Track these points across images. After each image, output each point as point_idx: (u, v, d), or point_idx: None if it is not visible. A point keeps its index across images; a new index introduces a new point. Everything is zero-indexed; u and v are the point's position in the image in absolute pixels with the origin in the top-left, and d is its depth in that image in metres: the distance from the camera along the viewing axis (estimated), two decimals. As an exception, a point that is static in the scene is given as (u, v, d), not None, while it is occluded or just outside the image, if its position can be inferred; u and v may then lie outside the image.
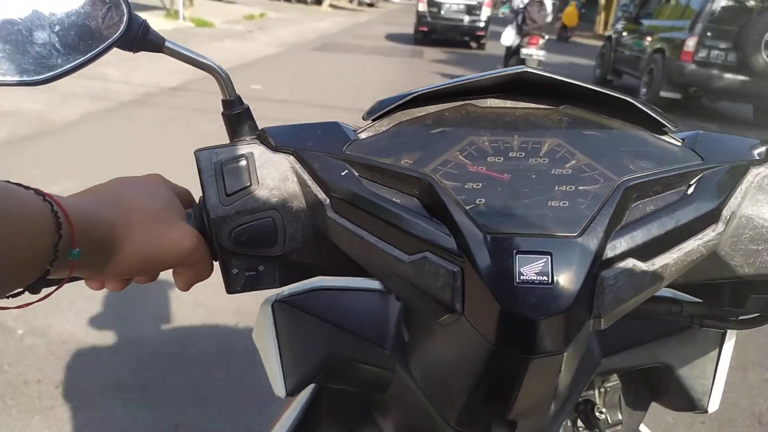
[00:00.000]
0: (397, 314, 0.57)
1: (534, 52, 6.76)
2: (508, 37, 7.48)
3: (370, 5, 32.74)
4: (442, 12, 12.51)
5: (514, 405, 0.42)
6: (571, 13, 19.07)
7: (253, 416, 1.72)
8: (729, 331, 0.56)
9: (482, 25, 12.54)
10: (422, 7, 12.63)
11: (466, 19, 12.51)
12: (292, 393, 0.60)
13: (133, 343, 2.03)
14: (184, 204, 0.46)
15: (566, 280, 0.34)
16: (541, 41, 6.85)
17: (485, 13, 12.55)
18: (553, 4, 7.49)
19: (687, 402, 0.59)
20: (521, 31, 7.12)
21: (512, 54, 7.30)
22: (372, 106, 0.45)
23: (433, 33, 12.87)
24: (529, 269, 0.35)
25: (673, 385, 0.58)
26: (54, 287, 0.39)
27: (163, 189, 0.44)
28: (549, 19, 7.13)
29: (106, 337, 2.04)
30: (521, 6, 7.20)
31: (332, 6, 28.29)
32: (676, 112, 6.34)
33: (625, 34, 8.58)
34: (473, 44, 13.13)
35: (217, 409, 1.75)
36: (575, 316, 0.35)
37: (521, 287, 0.34)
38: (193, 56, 0.46)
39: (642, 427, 0.65)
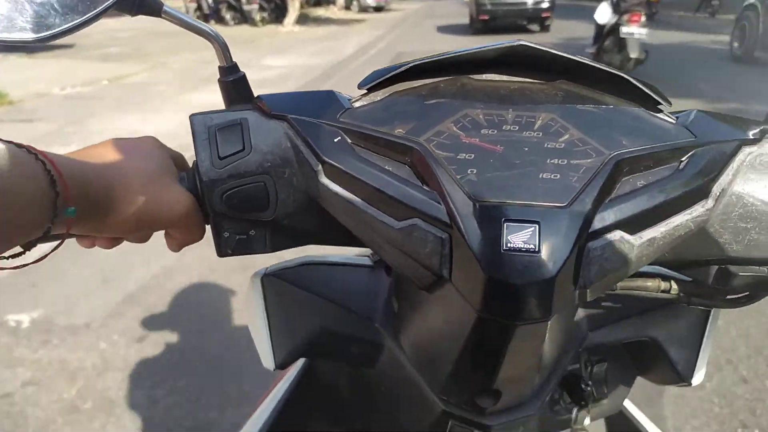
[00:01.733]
0: (386, 288, 0.57)
1: (636, 30, 5.83)
2: (604, 14, 6.48)
3: (378, 9, 22.14)
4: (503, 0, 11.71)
5: (498, 374, 0.43)
6: None
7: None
8: None
9: (547, 5, 11.56)
10: None
11: (530, 1, 11.57)
12: (281, 366, 0.60)
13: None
14: (179, 167, 0.47)
15: (553, 249, 0.35)
16: (643, 18, 5.91)
17: None
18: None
19: (672, 375, 0.60)
20: (618, 8, 6.15)
21: (608, 33, 6.35)
22: (367, 76, 0.46)
23: (494, 20, 11.92)
24: (517, 237, 0.35)
25: (659, 359, 0.59)
26: (53, 247, 0.39)
27: (157, 151, 0.45)
28: None
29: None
30: None
31: (311, 17, 17.52)
32: None
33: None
34: (535, 27, 12.26)
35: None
36: (561, 284, 0.35)
37: (507, 254, 0.35)
38: (191, 22, 0.46)
39: (626, 402, 0.66)
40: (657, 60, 6.94)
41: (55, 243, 0.39)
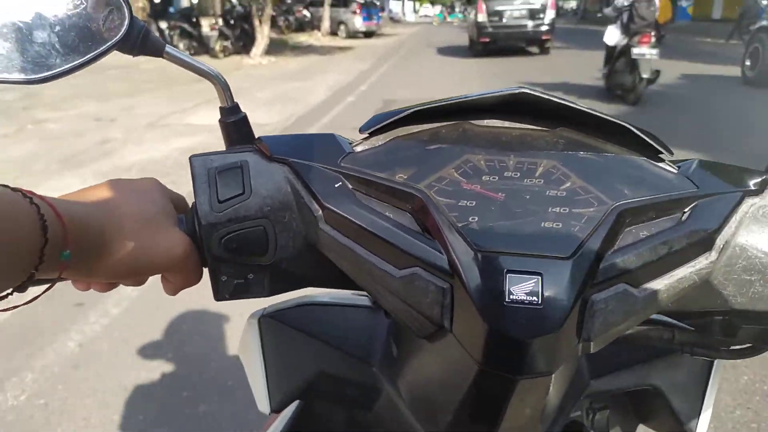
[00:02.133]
0: (385, 331, 0.57)
1: (647, 51, 5.94)
2: (613, 36, 6.64)
3: (369, 35, 20.74)
4: (504, 20, 11.83)
5: (500, 426, 0.42)
6: (663, 6, 13.29)
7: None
8: None
9: (546, 28, 11.82)
10: (482, 17, 11.88)
11: (530, 24, 11.78)
12: (276, 410, 0.59)
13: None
14: (178, 209, 0.46)
15: (556, 301, 0.34)
16: (653, 39, 6.04)
17: (549, 15, 11.76)
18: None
19: (675, 425, 0.59)
20: (628, 30, 6.27)
21: (619, 55, 6.48)
22: (368, 120, 0.45)
23: (495, 42, 12.16)
24: (519, 289, 0.35)
25: (661, 408, 0.58)
26: (44, 289, 0.38)
27: (157, 194, 0.44)
28: (656, 13, 6.38)
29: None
30: (626, 3, 6.36)
31: (290, 45, 15.35)
32: None
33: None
34: (535, 50, 12.57)
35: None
36: (564, 338, 0.35)
37: (510, 307, 0.34)
38: (192, 62, 0.46)
39: None
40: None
41: (46, 285, 0.39)
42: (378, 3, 23.51)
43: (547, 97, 0.43)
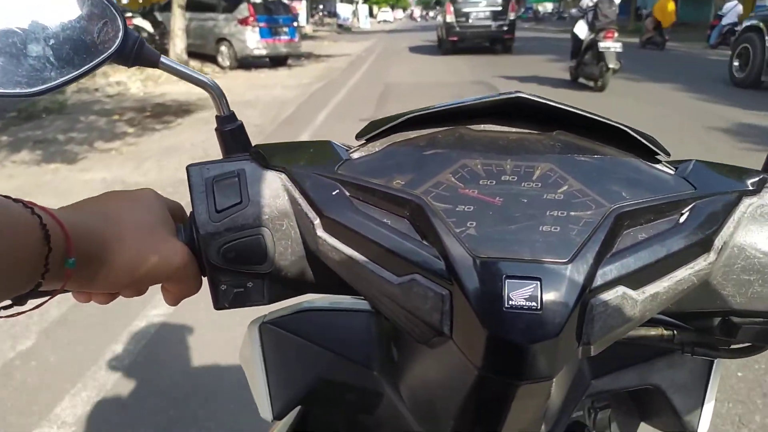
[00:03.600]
0: (385, 335, 0.57)
1: (611, 44, 7.04)
2: (582, 30, 7.82)
3: (278, 61, 11.89)
4: (470, 20, 13.29)
5: (502, 429, 0.42)
6: (663, 7, 13.03)
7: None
8: None
9: (506, 28, 13.30)
10: (450, 18, 13.41)
11: (493, 24, 13.22)
12: (278, 416, 0.59)
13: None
14: (176, 218, 0.46)
15: (555, 306, 0.34)
16: (616, 34, 7.17)
17: (510, 16, 13.24)
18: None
19: (676, 423, 0.59)
20: (594, 27, 7.44)
21: (586, 49, 7.62)
22: (364, 126, 0.45)
23: (463, 41, 13.63)
24: (518, 294, 0.35)
25: (663, 407, 0.58)
26: (45, 298, 0.39)
27: (155, 204, 0.44)
28: (617, 12, 7.55)
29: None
30: (590, 4, 7.57)
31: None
32: None
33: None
34: (498, 48, 13.88)
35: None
36: (564, 342, 0.35)
37: (509, 312, 0.34)
38: (188, 72, 0.46)
39: None
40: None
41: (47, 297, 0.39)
42: (290, 3, 13.78)
43: (542, 101, 0.43)
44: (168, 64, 0.46)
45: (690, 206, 0.40)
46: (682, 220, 0.39)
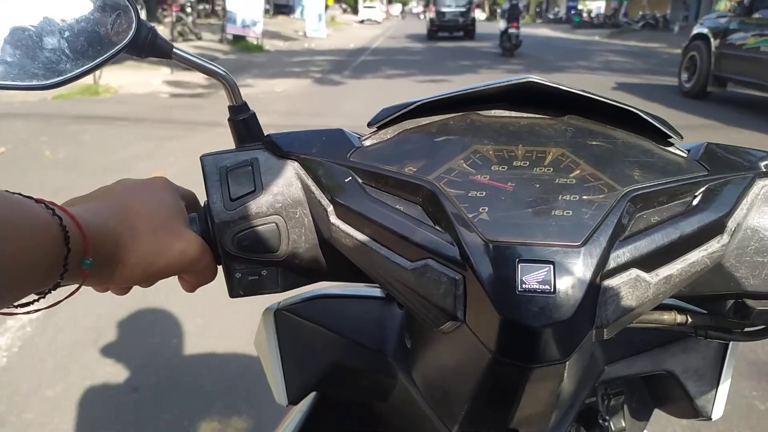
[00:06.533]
0: (399, 322, 0.57)
1: (515, 31, 13.36)
2: (503, 23, 13.95)
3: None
4: (446, 18, 20.97)
5: (515, 414, 0.42)
6: None
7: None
8: None
9: (470, 22, 21.15)
10: (431, 15, 21.44)
11: (461, 20, 20.95)
12: (294, 401, 0.60)
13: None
14: (190, 206, 0.47)
15: (568, 289, 0.34)
16: (518, 24, 13.57)
17: (472, 16, 21.54)
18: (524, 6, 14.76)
19: (690, 409, 0.59)
20: (507, 20, 13.58)
21: (503, 33, 13.77)
22: (376, 114, 0.46)
23: (440, 30, 21.29)
24: (531, 278, 0.35)
25: (677, 392, 0.58)
26: (65, 295, 0.39)
27: (168, 194, 0.45)
28: (521, 11, 13.80)
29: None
30: (506, 8, 14.04)
31: None
32: None
33: (736, 29, 6.39)
34: (461, 34, 21.40)
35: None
36: (577, 326, 0.35)
37: (522, 296, 0.34)
38: (201, 62, 0.47)
39: None
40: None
41: (71, 291, 0.39)
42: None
43: (553, 85, 0.43)
44: (181, 54, 0.46)
45: (703, 188, 0.40)
46: (695, 202, 0.39)
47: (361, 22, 38.47)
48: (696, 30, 7.42)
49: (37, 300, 0.37)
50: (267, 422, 1.71)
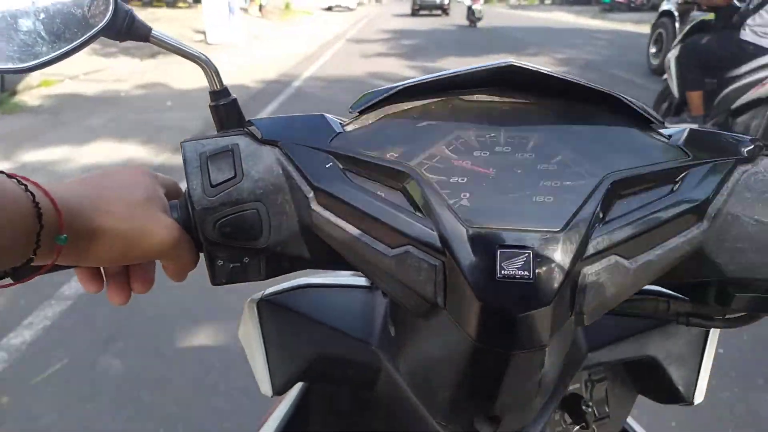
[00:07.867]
0: (383, 310, 0.57)
1: (479, 7, 17.77)
2: (468, 1, 18.33)
3: None
4: (427, 1, 26.37)
5: (497, 400, 0.42)
6: None
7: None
8: None
9: (447, 2, 26.34)
10: None
11: (438, 1, 26.16)
12: (279, 392, 0.59)
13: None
14: (171, 195, 0.46)
15: (547, 275, 0.34)
16: (481, 2, 17.96)
17: None
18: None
19: (673, 394, 0.59)
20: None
21: (469, 9, 18.08)
22: (358, 99, 0.45)
23: (422, 9, 26.33)
24: (511, 264, 0.35)
25: (659, 377, 0.59)
26: (36, 273, 0.39)
27: (146, 180, 0.44)
28: None
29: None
30: None
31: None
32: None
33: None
34: (441, 12, 26.16)
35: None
36: (556, 311, 0.35)
37: (502, 282, 0.34)
38: (180, 47, 0.46)
39: (629, 419, 0.65)
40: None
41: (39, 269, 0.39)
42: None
43: (535, 69, 0.43)
44: (159, 37, 0.45)
45: (684, 174, 0.40)
46: (675, 188, 0.39)
47: (329, 8, 29.38)
48: (663, 7, 7.22)
49: (8, 275, 0.37)
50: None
